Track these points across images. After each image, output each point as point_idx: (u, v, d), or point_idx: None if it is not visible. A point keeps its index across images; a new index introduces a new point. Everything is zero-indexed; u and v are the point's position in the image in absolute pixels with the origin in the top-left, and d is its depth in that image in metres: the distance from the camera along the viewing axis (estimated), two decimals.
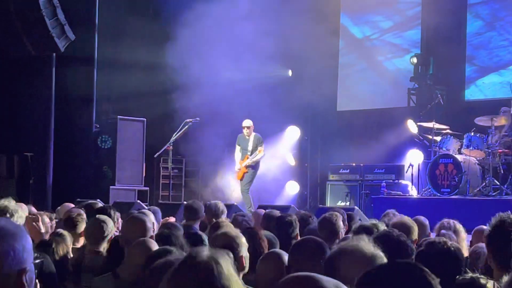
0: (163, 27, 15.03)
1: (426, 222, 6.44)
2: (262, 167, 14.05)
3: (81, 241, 5.70)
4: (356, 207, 12.33)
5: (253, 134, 13.74)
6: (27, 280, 1.98)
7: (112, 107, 15.62)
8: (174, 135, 13.60)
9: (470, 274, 3.78)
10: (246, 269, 4.12)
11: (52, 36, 12.93)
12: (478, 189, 12.51)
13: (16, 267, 1.96)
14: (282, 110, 15.55)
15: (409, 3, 16.55)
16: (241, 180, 13.73)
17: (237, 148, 13.86)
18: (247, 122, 13.73)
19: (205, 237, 4.99)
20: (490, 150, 12.51)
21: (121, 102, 15.71)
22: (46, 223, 6.01)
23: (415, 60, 15.32)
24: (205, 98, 14.45)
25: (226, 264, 2.64)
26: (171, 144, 13.71)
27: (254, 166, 13.69)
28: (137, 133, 15.17)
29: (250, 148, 13.62)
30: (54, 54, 13.62)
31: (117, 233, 5.69)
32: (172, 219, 8.48)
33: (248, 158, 13.57)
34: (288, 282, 1.90)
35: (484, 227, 5.16)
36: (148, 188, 15.12)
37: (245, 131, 13.69)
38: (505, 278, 2.04)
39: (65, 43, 13.34)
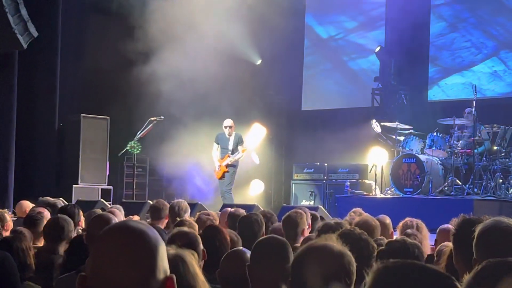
0: (127, 23, 14.90)
1: (389, 221, 6.48)
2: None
3: (42, 240, 5.63)
4: (320, 206, 12.37)
5: (234, 133, 13.72)
6: None
7: (75, 105, 15.47)
8: (138, 133, 13.54)
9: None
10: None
11: (15, 33, 12.78)
12: (440, 188, 12.63)
13: None
14: (247, 108, 15.55)
15: (374, 4, 16.65)
16: (220, 179, 13.68)
17: (215, 146, 13.79)
18: (229, 122, 13.68)
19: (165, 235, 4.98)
20: (452, 150, 12.65)
21: (85, 100, 15.59)
22: (8, 221, 5.94)
23: (379, 48, 15.43)
24: (170, 96, 14.39)
25: (192, 263, 2.64)
26: (136, 142, 13.64)
27: (235, 165, 13.66)
28: (101, 131, 15.07)
29: (231, 147, 13.58)
30: (17, 51, 13.46)
31: (80, 232, 5.64)
32: (136, 218, 8.45)
33: (228, 157, 13.53)
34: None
35: (449, 226, 5.21)
36: (111, 186, 15.02)
37: (226, 130, 13.63)
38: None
39: (28, 39, 13.18)
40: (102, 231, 1.88)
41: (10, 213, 8.90)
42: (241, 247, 4.32)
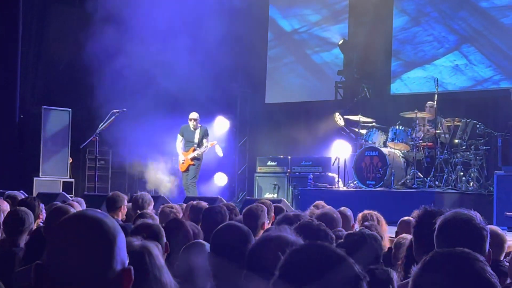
0: (89, 15, 14.76)
1: (350, 213, 6.52)
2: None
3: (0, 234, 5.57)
4: (283, 199, 12.41)
5: (200, 126, 13.68)
6: None
7: (37, 96, 15.31)
8: (100, 125, 13.42)
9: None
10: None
11: None
12: (402, 181, 12.74)
13: None
14: (210, 101, 15.52)
15: None
16: (184, 172, 13.64)
17: (179, 138, 13.74)
18: (194, 115, 13.65)
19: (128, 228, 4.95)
20: (414, 144, 12.76)
21: (46, 91, 15.44)
22: None
23: (342, 41, 15.50)
24: (133, 88, 14.31)
25: (157, 255, 2.64)
26: (97, 135, 13.53)
27: (200, 159, 13.63)
28: (62, 123, 14.94)
29: (196, 140, 13.55)
30: None
31: (41, 225, 5.59)
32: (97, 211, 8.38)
33: (194, 150, 13.48)
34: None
35: (410, 218, 5.25)
36: (73, 179, 14.91)
37: (191, 123, 13.60)
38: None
39: None
40: (60, 220, 1.87)
41: None
42: (200, 240, 4.32)
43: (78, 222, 1.85)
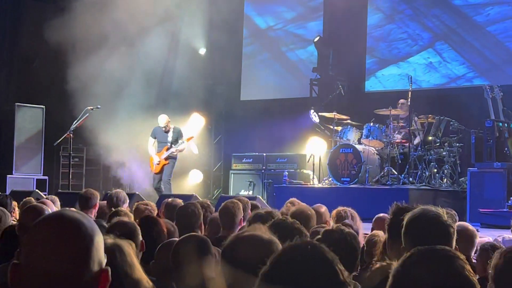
0: (63, 12, 14.64)
1: (324, 209, 6.53)
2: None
3: None
4: (258, 196, 12.42)
5: (172, 127, 13.58)
6: None
7: (10, 93, 15.17)
8: (74, 122, 13.32)
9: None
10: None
11: None
12: (376, 178, 12.80)
13: None
14: (186, 98, 15.48)
15: None
16: (157, 173, 13.53)
17: (151, 140, 13.61)
18: (163, 120, 13.43)
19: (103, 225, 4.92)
20: (388, 141, 12.82)
21: (20, 88, 15.30)
22: None
23: (317, 38, 15.53)
24: (107, 86, 14.23)
25: (129, 252, 2.63)
26: (72, 132, 13.43)
27: (175, 158, 13.55)
28: (36, 120, 14.82)
29: (170, 139, 13.46)
30: None
31: (13, 222, 5.53)
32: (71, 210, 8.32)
33: (168, 149, 13.38)
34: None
35: (385, 215, 5.27)
36: (47, 177, 14.80)
37: (163, 125, 13.47)
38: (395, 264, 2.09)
39: None
40: (37, 220, 1.86)
41: None
42: (176, 238, 4.31)
43: (56, 223, 1.84)
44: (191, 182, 16.10)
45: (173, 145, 13.42)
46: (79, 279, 1.78)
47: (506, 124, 11.91)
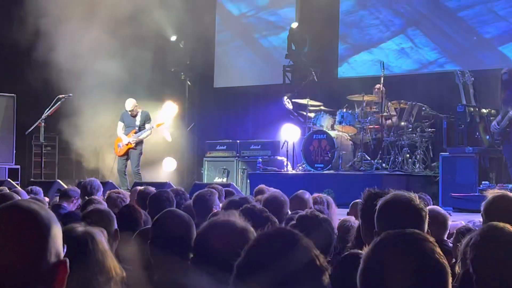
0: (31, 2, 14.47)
1: (308, 196, 6.52)
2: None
3: None
4: (232, 183, 12.46)
5: (140, 111, 13.53)
6: None
7: None
8: (46, 111, 13.22)
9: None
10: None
11: None
12: (350, 164, 12.85)
13: None
14: (159, 85, 15.42)
15: None
16: (121, 156, 13.46)
17: (120, 125, 13.55)
18: (129, 105, 13.40)
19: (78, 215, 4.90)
20: (361, 126, 12.87)
21: None
22: None
23: (296, 25, 15.54)
24: (79, 73, 14.12)
25: (101, 240, 2.62)
26: (43, 120, 13.32)
27: (141, 144, 13.49)
28: (7, 109, 14.67)
29: (138, 123, 13.41)
30: None
31: None
32: (46, 199, 8.26)
33: (135, 133, 13.33)
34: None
35: (359, 200, 5.30)
36: (19, 166, 14.67)
37: (130, 112, 13.43)
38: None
39: None
40: None
41: None
42: (149, 226, 4.29)
43: (10, 213, 1.79)
44: (165, 170, 16.05)
45: (140, 129, 13.37)
46: (35, 270, 1.72)
47: (477, 109, 12.01)
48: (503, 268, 3.04)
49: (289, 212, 5.42)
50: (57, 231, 1.80)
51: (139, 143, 13.47)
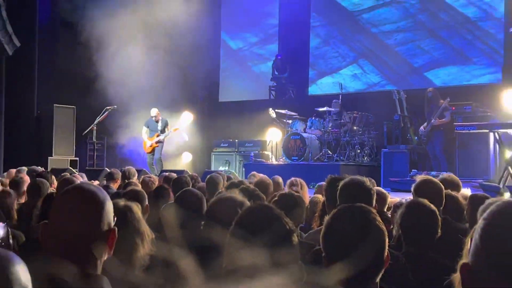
0: (87, 33, 14.34)
1: (281, 180, 6.54)
2: (165, 142, 13.84)
3: (24, 198, 5.43)
4: (232, 170, 12.45)
5: (161, 118, 13.49)
6: None
7: (50, 97, 14.93)
8: (97, 118, 13.22)
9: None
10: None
11: (2, 44, 12.26)
12: (317, 157, 12.88)
13: None
14: (179, 99, 15.39)
15: (270, 25, 16.69)
16: (149, 153, 13.44)
17: (144, 129, 13.51)
18: (154, 112, 13.37)
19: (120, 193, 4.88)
20: (325, 130, 12.90)
21: (57, 93, 15.06)
22: None
23: (279, 57, 15.60)
24: (122, 90, 14.08)
25: (137, 211, 2.62)
26: (95, 125, 13.32)
27: (162, 142, 13.47)
28: (69, 117, 14.63)
29: (159, 128, 13.37)
30: (4, 57, 12.93)
31: (52, 191, 5.46)
32: (96, 182, 8.24)
33: (158, 135, 13.29)
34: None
35: (324, 183, 5.30)
36: (78, 158, 14.63)
37: (154, 116, 13.39)
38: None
39: (13, 48, 12.69)
40: (62, 191, 1.83)
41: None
42: (172, 201, 4.28)
43: (76, 193, 1.80)
44: (184, 161, 16.03)
45: (161, 133, 13.33)
46: (92, 235, 1.74)
47: (408, 118, 12.06)
48: (423, 230, 3.08)
49: (272, 191, 5.43)
50: (109, 207, 1.81)
51: (161, 141, 13.45)
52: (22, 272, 1.18)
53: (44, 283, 1.55)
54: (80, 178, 6.34)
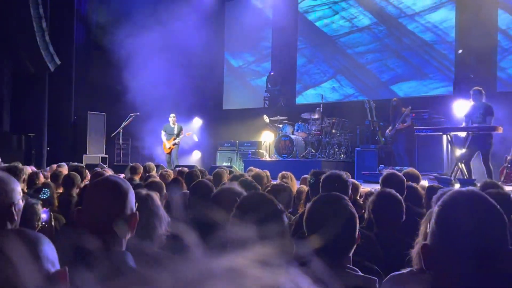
0: (116, 54, 14.28)
1: (268, 173, 6.51)
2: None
3: (61, 189, 5.41)
4: (234, 166, 12.41)
5: (177, 124, 13.44)
6: (15, 210, 1.88)
7: (85, 105, 14.90)
8: (123, 123, 13.18)
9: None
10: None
11: (45, 61, 12.23)
12: (302, 155, 12.87)
13: (7, 202, 1.85)
14: (190, 107, 15.38)
15: (264, 47, 16.68)
16: (168, 153, 13.38)
17: (163, 133, 13.48)
18: (172, 116, 13.38)
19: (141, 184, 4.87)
20: (309, 132, 12.89)
21: (90, 102, 15.02)
22: (40, 177, 5.67)
23: (272, 74, 15.53)
24: (145, 97, 14.06)
25: (156, 199, 2.61)
26: (122, 129, 13.26)
27: (178, 144, 13.43)
28: (100, 122, 14.62)
29: (175, 132, 13.32)
30: (47, 73, 12.91)
31: (87, 183, 5.44)
32: (122, 175, 8.20)
33: (174, 139, 13.25)
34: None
35: (307, 176, 5.29)
36: (107, 155, 14.61)
37: (171, 121, 13.34)
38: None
39: (54, 65, 12.66)
40: (93, 182, 1.84)
41: (44, 172, 8.50)
42: (185, 191, 4.27)
43: (104, 184, 1.81)
44: (194, 158, 16.02)
45: (176, 136, 13.29)
46: (117, 219, 1.75)
47: (377, 123, 12.06)
48: (390, 214, 3.07)
49: (266, 182, 5.41)
50: (131, 195, 1.82)
51: (177, 144, 13.41)
52: (49, 250, 1.17)
53: (79, 256, 1.55)
54: (109, 172, 6.32)
